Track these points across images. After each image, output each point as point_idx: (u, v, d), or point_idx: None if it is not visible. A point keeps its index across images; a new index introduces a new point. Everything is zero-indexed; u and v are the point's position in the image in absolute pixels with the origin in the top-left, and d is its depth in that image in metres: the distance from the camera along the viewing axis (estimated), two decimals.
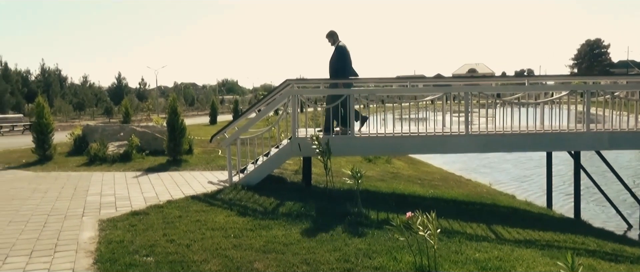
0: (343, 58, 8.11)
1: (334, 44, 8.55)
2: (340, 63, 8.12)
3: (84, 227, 5.57)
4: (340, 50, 8.18)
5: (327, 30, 8.73)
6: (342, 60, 8.12)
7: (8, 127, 24.57)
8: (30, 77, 44.26)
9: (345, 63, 8.16)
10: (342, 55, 8.12)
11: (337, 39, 8.55)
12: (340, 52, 8.14)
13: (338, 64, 8.09)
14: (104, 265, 4.28)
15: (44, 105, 11.89)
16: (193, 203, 6.68)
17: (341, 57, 8.12)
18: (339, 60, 8.12)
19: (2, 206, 6.71)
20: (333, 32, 8.66)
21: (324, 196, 7.47)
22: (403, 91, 9.79)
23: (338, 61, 8.12)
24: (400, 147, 8.67)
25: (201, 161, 10.96)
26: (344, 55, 8.11)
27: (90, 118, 40.54)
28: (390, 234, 5.32)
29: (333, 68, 8.24)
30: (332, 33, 8.66)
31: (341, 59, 8.12)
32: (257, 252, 4.68)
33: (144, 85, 58.45)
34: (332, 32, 8.66)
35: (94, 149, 11.28)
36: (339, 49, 8.21)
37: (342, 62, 8.15)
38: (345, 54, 8.13)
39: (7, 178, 9.23)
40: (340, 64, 8.11)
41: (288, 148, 8.20)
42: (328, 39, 8.71)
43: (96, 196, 7.36)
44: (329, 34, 8.67)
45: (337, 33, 8.65)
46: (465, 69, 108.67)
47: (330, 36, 8.65)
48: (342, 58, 8.12)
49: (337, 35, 8.63)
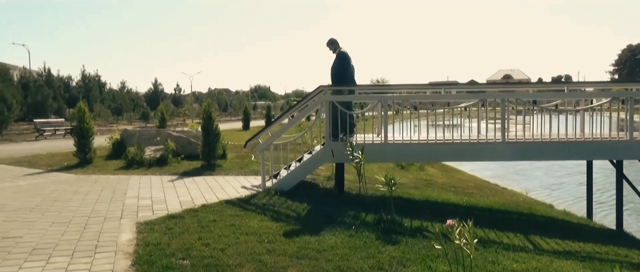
0: (343, 65, 8.17)
1: (335, 52, 8.60)
2: (341, 70, 8.17)
3: (122, 229, 5.72)
4: (341, 56, 8.28)
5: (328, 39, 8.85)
6: (343, 66, 8.18)
7: (51, 130, 25.44)
8: (72, 83, 45.80)
9: (345, 70, 8.21)
10: (343, 62, 8.19)
11: (338, 46, 8.65)
12: (341, 59, 8.24)
13: (338, 70, 8.14)
14: (142, 267, 4.38)
15: (85, 110, 12.27)
16: (227, 207, 6.76)
17: (342, 64, 8.19)
18: (339, 66, 8.19)
19: (45, 208, 6.96)
20: (333, 40, 8.77)
21: (357, 202, 7.45)
22: (437, 98, 9.68)
23: (338, 68, 8.19)
24: (434, 155, 8.57)
25: (234, 165, 11.10)
26: (344, 62, 8.19)
27: (127, 123, 41.63)
28: (425, 242, 5.26)
29: (334, 73, 8.30)
30: (333, 41, 8.77)
31: (342, 66, 8.18)
32: (291, 258, 4.69)
33: (179, 91, 59.58)
34: (333, 40, 8.77)
35: (132, 153, 11.57)
36: (340, 56, 8.31)
37: (343, 69, 8.21)
38: (345, 61, 8.20)
39: (50, 180, 9.57)
40: (340, 71, 8.17)
41: (321, 154, 8.21)
42: (329, 47, 8.86)
43: (134, 199, 7.54)
44: (330, 42, 8.78)
45: (337, 41, 8.75)
46: (500, 75, 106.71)
47: (330, 44, 8.76)
48: (343, 65, 8.18)
49: (338, 43, 8.74)
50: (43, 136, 24.68)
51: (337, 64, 8.22)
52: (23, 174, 10.52)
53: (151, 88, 54.54)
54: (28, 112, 35.86)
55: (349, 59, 8.28)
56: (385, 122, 8.16)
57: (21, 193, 8.13)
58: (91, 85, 46.26)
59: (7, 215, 6.49)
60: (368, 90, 11.95)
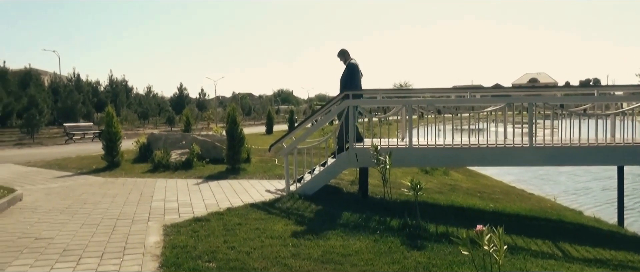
0: (353, 75, 8.33)
1: (345, 62, 8.73)
2: (351, 80, 8.33)
3: (149, 231, 5.81)
4: (351, 67, 8.43)
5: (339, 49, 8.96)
6: (352, 77, 8.34)
7: (80, 134, 26.05)
8: (100, 88, 46.84)
9: (355, 80, 8.36)
10: (353, 73, 8.34)
11: (348, 57, 8.78)
12: (351, 70, 8.39)
13: (348, 80, 8.30)
14: (169, 269, 4.44)
15: (113, 115, 12.54)
16: (252, 211, 6.81)
17: (351, 74, 8.34)
18: (349, 77, 8.35)
19: (75, 209, 7.12)
20: (344, 51, 8.90)
21: (381, 207, 7.41)
22: (462, 102, 9.58)
23: (348, 78, 8.35)
24: (459, 159, 8.48)
25: (258, 169, 11.17)
26: (354, 73, 8.34)
27: (153, 127, 42.31)
28: (451, 248, 5.20)
29: (343, 84, 8.45)
30: (343, 52, 8.89)
31: (351, 77, 8.34)
32: (316, 262, 4.69)
33: (203, 95, 60.40)
34: (343, 51, 8.90)
35: (158, 156, 11.75)
36: (350, 67, 8.46)
37: (352, 80, 8.36)
38: (355, 72, 8.35)
39: (79, 183, 9.79)
40: (350, 81, 8.32)
41: (345, 158, 8.20)
42: (340, 58, 9.02)
43: (160, 201, 7.66)
44: (340, 53, 8.91)
45: (348, 51, 8.87)
46: (526, 79, 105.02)
47: (341, 55, 8.89)
48: (352, 75, 8.34)
49: (348, 54, 8.86)
50: (72, 139, 25.28)
51: (346, 74, 8.39)
52: (54, 176, 10.79)
53: (176, 92, 55.42)
54: (58, 116, 36.78)
55: (359, 70, 8.42)
56: (410, 126, 8.11)
57: (52, 195, 8.34)
58: (118, 90, 47.23)
59: (39, 216, 6.67)
60: (391, 94, 11.91)
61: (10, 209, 7.20)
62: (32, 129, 27.64)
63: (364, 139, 8.56)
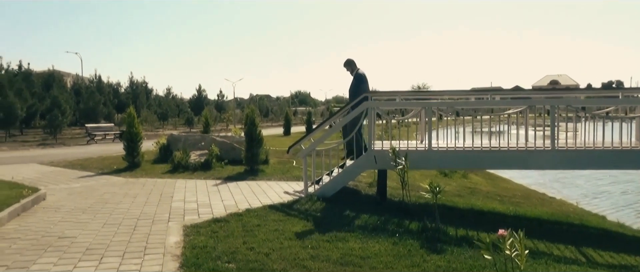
0: (361, 85, 8.43)
1: (352, 72, 8.80)
2: (359, 90, 8.41)
3: (170, 231, 5.86)
4: (358, 78, 8.55)
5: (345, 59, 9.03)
6: (361, 87, 8.44)
7: (101, 135, 26.47)
8: (121, 89, 47.54)
9: (363, 90, 8.45)
10: (361, 83, 8.45)
11: (355, 67, 8.84)
12: (359, 80, 8.50)
13: (357, 90, 8.39)
14: (189, 269, 4.47)
15: (134, 116, 12.70)
16: (271, 212, 6.83)
17: (359, 84, 8.45)
18: (357, 87, 8.44)
19: (97, 209, 7.23)
20: (350, 61, 8.96)
21: (400, 209, 7.37)
22: (483, 104, 9.47)
23: (356, 88, 8.44)
24: (479, 162, 8.38)
25: (277, 171, 11.20)
26: (362, 83, 8.45)
27: (172, 128, 42.77)
28: (472, 252, 5.15)
29: (352, 94, 8.53)
30: (350, 62, 8.95)
31: (360, 86, 8.44)
32: (335, 264, 4.68)
33: (221, 96, 60.82)
34: (350, 61, 8.96)
35: (178, 157, 11.87)
36: (357, 77, 8.57)
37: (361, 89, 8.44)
38: (363, 82, 8.46)
39: (101, 183, 9.94)
40: (358, 91, 8.39)
41: (364, 160, 8.18)
42: (346, 68, 9.11)
43: (180, 202, 7.73)
44: (347, 63, 8.98)
45: (354, 61, 8.93)
46: (547, 81, 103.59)
47: (348, 65, 8.96)
48: (361, 85, 8.44)
49: (355, 64, 8.92)
50: (94, 140, 25.70)
51: (355, 84, 8.50)
52: (76, 176, 10.97)
53: (195, 94, 55.87)
54: (80, 117, 37.42)
55: (366, 79, 8.55)
56: (429, 128, 8.05)
57: (75, 195, 8.48)
58: (139, 91, 47.87)
59: (62, 216, 6.79)
60: (410, 96, 11.83)
61: (34, 208, 7.35)
62: (55, 129, 28.17)
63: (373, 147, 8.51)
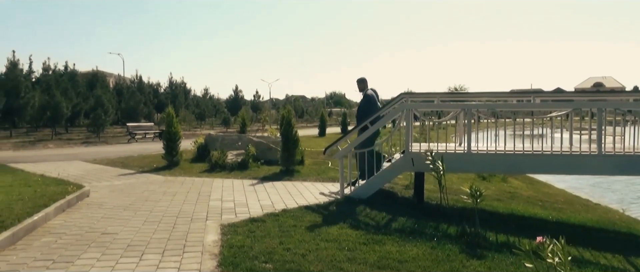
0: (371, 105, 8.51)
1: (362, 91, 8.87)
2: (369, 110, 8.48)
3: (208, 230, 5.94)
4: (368, 98, 8.62)
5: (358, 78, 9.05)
6: (370, 107, 8.51)
7: (141, 134, 27.19)
8: (160, 89, 48.75)
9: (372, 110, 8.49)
10: (370, 103, 8.53)
11: (366, 86, 8.88)
12: (368, 100, 8.57)
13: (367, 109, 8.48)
14: (227, 268, 4.51)
15: (173, 115, 12.98)
16: (307, 213, 6.83)
17: (369, 104, 8.52)
18: (367, 107, 8.52)
19: (138, 206, 7.41)
20: (362, 79, 9.00)
21: (438, 213, 7.24)
22: (525, 106, 9.22)
23: (366, 108, 8.52)
24: (521, 166, 8.14)
25: (312, 172, 11.21)
26: (371, 103, 8.52)
27: (209, 127, 43.50)
28: (513, 259, 5.00)
29: (362, 113, 8.59)
30: (362, 80, 9.00)
31: (369, 106, 8.52)
32: (372, 267, 4.63)
33: (258, 97, 61.54)
34: (362, 79, 9.00)
35: (215, 157, 12.05)
36: (366, 97, 8.65)
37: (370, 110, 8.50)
38: (372, 102, 8.53)
39: (141, 181, 10.19)
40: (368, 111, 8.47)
41: (401, 163, 8.08)
42: (358, 85, 9.08)
43: (217, 201, 7.83)
44: (359, 81, 9.01)
45: (366, 80, 8.96)
46: (591, 83, 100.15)
47: (359, 83, 9.00)
48: (370, 105, 8.52)
49: (366, 83, 8.95)
50: (134, 138, 26.42)
51: (364, 104, 8.58)
52: (118, 174, 11.29)
53: (232, 94, 56.77)
54: (121, 116, 38.56)
55: (376, 100, 8.63)
56: (469, 130, 7.88)
57: (116, 192, 8.72)
58: (177, 92, 48.97)
59: (105, 212, 6.98)
60: (448, 98, 11.64)
61: (78, 204, 7.60)
62: (98, 128, 29.12)
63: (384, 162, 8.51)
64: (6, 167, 12.38)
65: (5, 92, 28.07)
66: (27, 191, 7.91)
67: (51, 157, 16.02)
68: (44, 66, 38.17)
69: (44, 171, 11.31)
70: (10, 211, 6.25)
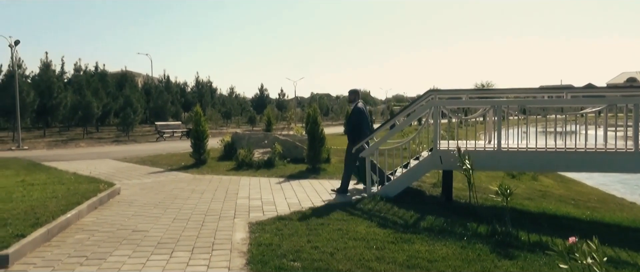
0: (359, 118, 8.58)
1: (351, 103, 8.92)
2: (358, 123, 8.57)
3: (236, 228, 5.98)
4: (356, 111, 8.65)
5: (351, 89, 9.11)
6: (358, 120, 8.58)
7: (169, 132, 27.61)
8: (187, 89, 49.39)
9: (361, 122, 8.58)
10: (358, 116, 8.59)
11: (357, 98, 8.88)
12: (357, 114, 8.62)
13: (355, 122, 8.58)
14: (256, 266, 4.52)
15: (200, 114, 13.11)
16: (334, 212, 6.80)
17: (358, 117, 8.59)
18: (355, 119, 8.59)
19: (167, 204, 7.51)
20: (355, 91, 9.01)
21: (467, 211, 7.12)
22: (557, 102, 8.98)
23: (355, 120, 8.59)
24: (552, 164, 7.95)
25: (338, 170, 11.15)
26: (360, 116, 8.59)
27: (235, 126, 43.90)
28: (546, 259, 4.87)
29: (351, 125, 8.69)
30: (354, 91, 9.01)
31: (357, 119, 8.58)
32: (401, 267, 4.58)
33: (283, 95, 61.74)
34: (354, 91, 9.02)
35: (242, 155, 12.13)
36: (355, 110, 8.68)
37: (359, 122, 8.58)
38: (361, 115, 8.59)
39: (170, 179, 10.33)
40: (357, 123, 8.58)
41: (429, 160, 7.98)
42: (349, 95, 9.11)
43: (245, 199, 7.88)
44: (351, 92, 9.04)
45: (358, 92, 8.99)
46: (624, 78, 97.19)
47: (351, 93, 9.02)
48: (359, 118, 8.59)
49: (358, 95, 8.96)
50: (163, 137, 26.83)
51: (353, 117, 8.66)
52: (147, 172, 11.48)
53: (257, 93, 57.12)
54: (150, 115, 39.22)
55: (364, 113, 8.69)
56: (499, 128, 7.72)
57: (146, 190, 8.86)
58: (204, 91, 49.51)
59: (135, 210, 7.10)
60: (477, 95, 11.43)
61: (110, 201, 7.75)
62: (127, 127, 29.70)
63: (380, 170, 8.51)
64: (40, 165, 12.72)
65: (39, 92, 28.88)
66: (61, 188, 8.11)
67: (83, 156, 16.40)
68: (76, 67, 39.14)
69: (77, 169, 11.58)
70: (45, 208, 6.41)
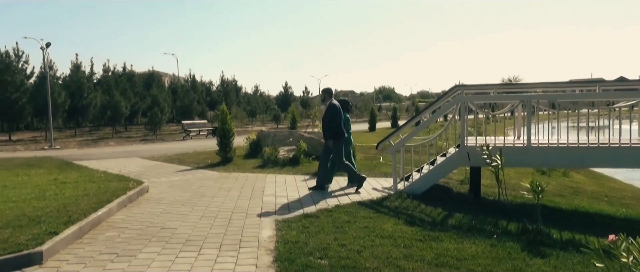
0: (334, 115, 8.54)
1: (324, 102, 8.89)
2: (333, 121, 8.52)
3: (262, 225, 6.00)
4: (331, 109, 8.61)
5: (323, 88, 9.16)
6: (333, 117, 8.53)
7: (195, 131, 27.95)
8: (212, 88, 49.97)
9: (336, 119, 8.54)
10: (333, 114, 8.55)
11: (330, 97, 8.85)
12: (332, 111, 8.57)
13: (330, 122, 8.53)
14: (283, 264, 4.52)
15: (226, 113, 13.22)
16: (360, 209, 6.77)
17: (332, 116, 8.54)
18: (331, 118, 8.52)
19: (195, 202, 7.59)
20: (327, 90, 9.02)
21: (496, 208, 6.99)
22: (588, 96, 8.73)
23: (330, 119, 8.53)
24: (583, 160, 7.74)
25: (363, 167, 11.11)
26: (334, 114, 8.55)
27: (260, 124, 44.22)
28: (580, 258, 4.74)
29: (325, 125, 8.64)
30: (327, 90, 9.03)
31: (333, 117, 8.53)
32: (430, 265, 4.51)
33: (307, 93, 61.88)
34: (327, 90, 9.03)
35: (267, 152, 12.18)
36: (330, 108, 8.63)
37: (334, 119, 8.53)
38: (335, 113, 8.56)
39: (197, 177, 10.45)
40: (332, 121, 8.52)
41: (456, 157, 7.87)
42: (322, 94, 9.08)
43: (271, 196, 7.91)
44: (324, 91, 9.04)
45: (331, 91, 8.98)
46: None
47: (324, 93, 9.02)
48: (333, 116, 8.54)
49: (331, 94, 8.94)
50: (189, 136, 27.19)
51: (329, 116, 8.60)
52: (175, 170, 11.63)
53: (282, 91, 57.35)
54: (176, 114, 39.81)
55: (339, 110, 8.66)
56: (528, 123, 7.56)
57: (174, 188, 8.98)
58: (229, 90, 50.01)
59: (164, 207, 7.20)
60: (505, 90, 11.21)
61: (139, 199, 7.87)
62: (155, 126, 30.23)
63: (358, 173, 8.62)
64: (72, 164, 13.03)
65: (69, 93, 29.62)
66: (92, 186, 8.28)
67: (112, 155, 16.74)
68: (104, 68, 40.03)
69: (106, 168, 11.82)
70: (76, 206, 6.55)
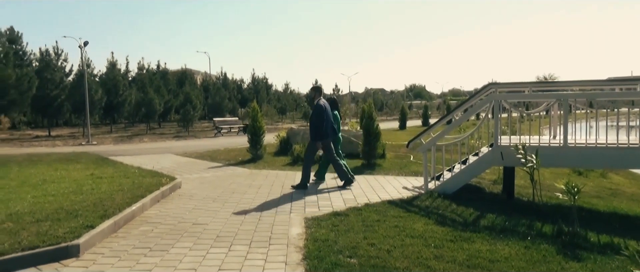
0: (321, 115, 8.56)
1: (313, 100, 8.89)
2: (319, 120, 8.55)
3: (292, 223, 6.02)
4: (318, 108, 8.64)
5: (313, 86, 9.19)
6: (320, 117, 8.55)
7: (227, 128, 28.29)
8: (243, 85, 50.50)
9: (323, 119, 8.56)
10: (320, 114, 8.57)
11: (318, 96, 8.86)
12: (318, 111, 8.61)
13: (317, 121, 8.56)
14: (312, 262, 4.53)
15: (257, 110, 13.33)
16: (390, 208, 6.72)
17: (319, 115, 8.57)
18: (318, 117, 8.56)
19: (225, 198, 7.68)
20: (316, 88, 9.04)
21: (530, 210, 6.83)
22: (627, 95, 8.43)
23: (317, 119, 8.56)
24: (623, 160, 7.48)
25: (394, 165, 11.04)
26: (321, 114, 8.57)
27: (290, 121, 44.42)
28: (618, 262, 4.58)
29: (312, 122, 8.67)
30: (316, 88, 9.05)
31: (320, 116, 8.56)
32: (461, 266, 4.44)
33: (337, 91, 61.75)
34: (316, 88, 9.04)
35: (297, 150, 12.23)
36: (317, 107, 8.66)
37: (320, 119, 8.55)
38: (322, 112, 8.58)
39: (228, 174, 10.57)
40: (319, 121, 8.55)
41: (489, 156, 7.72)
42: (310, 93, 9.26)
43: (301, 193, 7.92)
44: (313, 89, 9.07)
45: (320, 90, 8.97)
46: None
47: (313, 90, 9.05)
48: (320, 115, 8.56)
49: (320, 92, 8.95)
50: (220, 133, 27.54)
51: (316, 115, 8.62)
52: (206, 167, 11.80)
53: None
54: (208, 111, 40.41)
55: (326, 109, 8.66)
56: (565, 122, 7.35)
57: (206, 184, 9.11)
58: (259, 87, 50.46)
59: (195, 203, 7.31)
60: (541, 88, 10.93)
61: (171, 195, 8.02)
62: (187, 123, 30.75)
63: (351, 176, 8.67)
64: (108, 160, 13.38)
65: (106, 90, 30.44)
66: (126, 182, 8.48)
67: (146, 151, 17.11)
68: (139, 66, 40.95)
69: (140, 164, 12.08)
70: (112, 200, 6.72)
